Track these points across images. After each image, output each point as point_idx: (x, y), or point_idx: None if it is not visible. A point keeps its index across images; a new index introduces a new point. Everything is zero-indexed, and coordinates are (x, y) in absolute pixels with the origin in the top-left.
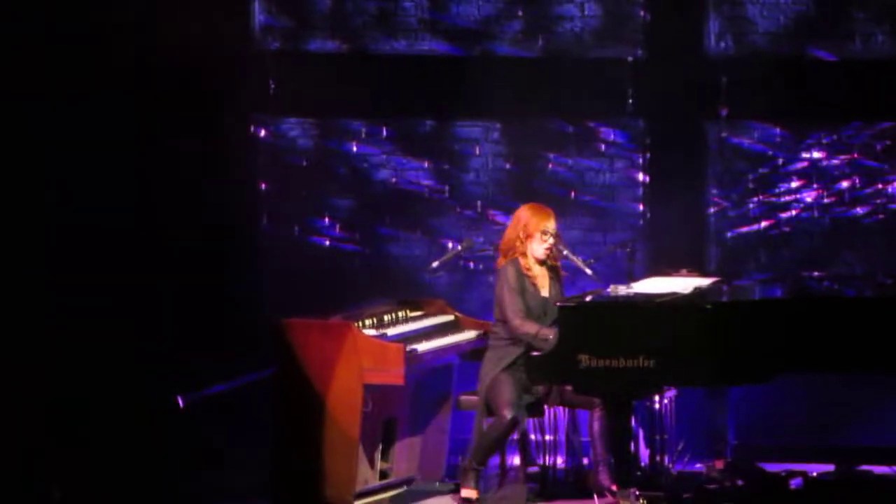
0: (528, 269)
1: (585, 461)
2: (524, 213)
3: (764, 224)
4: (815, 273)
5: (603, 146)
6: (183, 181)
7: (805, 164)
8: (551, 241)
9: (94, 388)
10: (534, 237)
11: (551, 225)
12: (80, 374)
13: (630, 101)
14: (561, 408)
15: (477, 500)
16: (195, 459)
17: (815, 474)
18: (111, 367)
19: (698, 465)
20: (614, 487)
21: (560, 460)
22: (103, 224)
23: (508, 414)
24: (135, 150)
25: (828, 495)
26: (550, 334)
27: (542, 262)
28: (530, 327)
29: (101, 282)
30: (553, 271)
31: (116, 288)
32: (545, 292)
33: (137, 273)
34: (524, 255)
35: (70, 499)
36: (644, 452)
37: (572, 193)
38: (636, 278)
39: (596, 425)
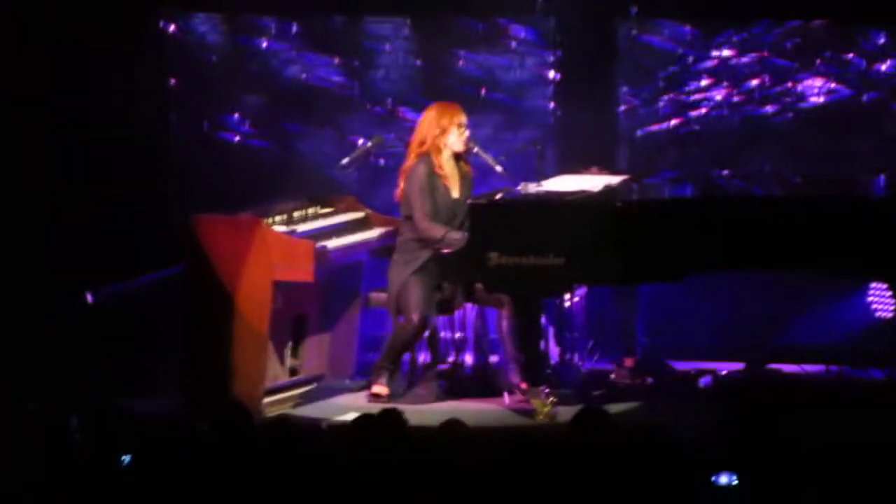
0: (441, 168)
1: (494, 359)
2: (436, 109)
3: (674, 122)
4: (725, 172)
5: (513, 43)
6: (89, 76)
7: (715, 62)
8: (467, 130)
9: (4, 284)
10: (450, 130)
11: (465, 117)
12: None
13: None
14: (470, 305)
15: (387, 396)
16: (105, 357)
17: (724, 373)
18: (19, 265)
19: (608, 364)
20: (524, 385)
21: (469, 358)
22: (7, 120)
23: (417, 316)
24: (40, 43)
25: (736, 393)
26: (457, 238)
27: (458, 159)
28: (437, 231)
29: (6, 178)
30: (464, 175)
31: (23, 185)
32: (455, 193)
33: (44, 170)
34: (438, 151)
35: None
36: (554, 350)
37: (482, 91)
38: (546, 176)
39: (504, 324)
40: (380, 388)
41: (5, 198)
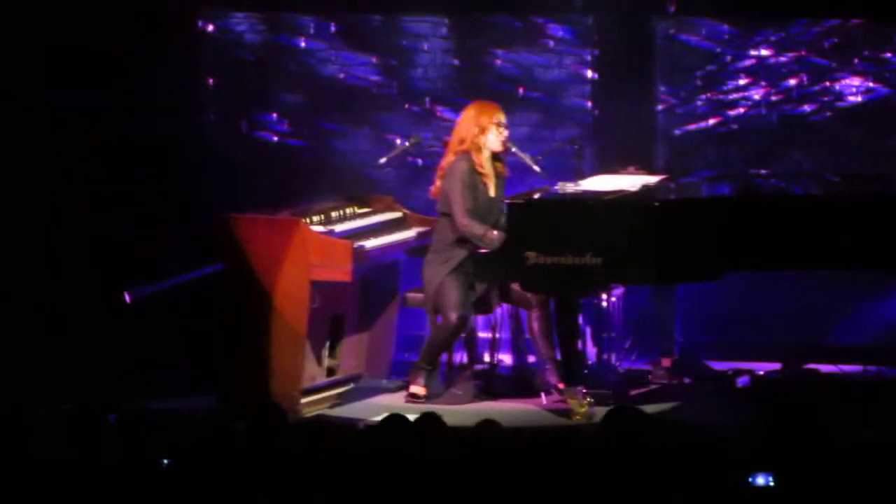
0: (481, 167)
1: (531, 359)
2: (475, 108)
3: (711, 121)
4: (763, 171)
5: (551, 42)
6: (129, 75)
7: (753, 61)
8: (506, 130)
9: (43, 282)
10: (489, 129)
11: (503, 116)
12: (28, 270)
13: None
14: (507, 305)
15: (425, 396)
16: (142, 355)
17: (761, 372)
18: (58, 263)
19: (645, 364)
20: (561, 385)
21: (506, 358)
22: (48, 121)
23: (455, 315)
24: (81, 45)
25: (774, 393)
26: (496, 237)
27: (496, 159)
28: (477, 228)
29: (47, 178)
30: (499, 174)
31: (63, 185)
32: (492, 192)
33: (84, 170)
34: (479, 150)
35: (15, 394)
36: (591, 350)
37: (520, 90)
38: (584, 175)
39: (535, 325)
40: (417, 389)
41: (46, 198)
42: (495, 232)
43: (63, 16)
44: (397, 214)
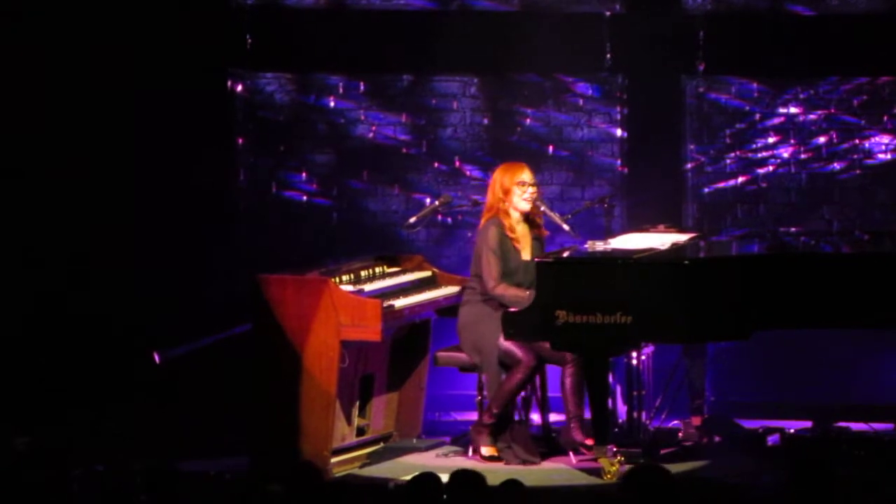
0: (512, 231)
1: (551, 418)
2: (497, 173)
3: (741, 180)
4: (793, 229)
5: (580, 101)
6: (159, 136)
7: (782, 119)
8: (531, 190)
9: (73, 343)
10: (512, 191)
11: (527, 175)
12: (58, 331)
13: (608, 55)
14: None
15: (498, 456)
16: (173, 416)
17: (792, 431)
18: (90, 324)
19: (676, 422)
20: (588, 441)
21: (536, 416)
22: (79, 179)
23: (528, 357)
24: (112, 107)
25: (805, 452)
26: (523, 297)
27: (526, 219)
28: (503, 289)
29: (78, 238)
30: (537, 237)
31: (94, 244)
32: (526, 254)
33: (114, 229)
34: (507, 214)
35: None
36: (622, 409)
37: (550, 149)
38: (614, 234)
39: (568, 381)
40: (489, 450)
41: (77, 256)
42: (522, 292)
43: (94, 74)
44: (427, 273)
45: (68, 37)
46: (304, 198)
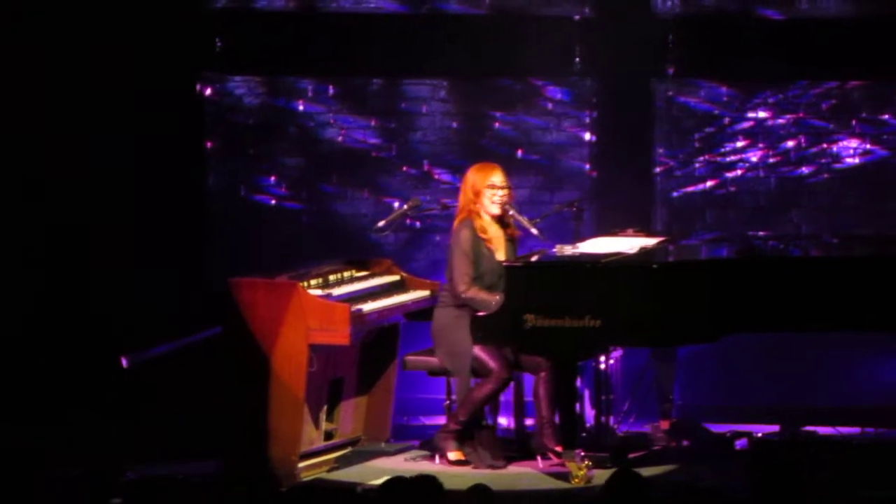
0: (484, 232)
1: (528, 422)
2: (469, 174)
3: (710, 183)
4: (762, 233)
5: (550, 105)
6: (128, 139)
7: (751, 123)
8: (501, 192)
9: (41, 348)
10: (482, 193)
11: (497, 177)
12: (27, 335)
13: (577, 59)
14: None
15: (466, 460)
16: (142, 420)
17: (760, 435)
18: (55, 329)
19: (644, 426)
20: (559, 448)
21: (503, 420)
22: (48, 179)
23: (500, 367)
24: (80, 109)
25: (772, 456)
26: (493, 300)
27: (498, 220)
28: (473, 292)
29: (45, 242)
30: (510, 237)
31: (58, 247)
32: (501, 255)
33: (82, 234)
34: (479, 215)
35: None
36: (589, 413)
37: (519, 152)
38: (583, 238)
39: (541, 388)
40: (456, 455)
41: (45, 261)
42: (492, 296)
43: (62, 76)
44: (396, 278)
45: (36, 39)
46: (274, 201)
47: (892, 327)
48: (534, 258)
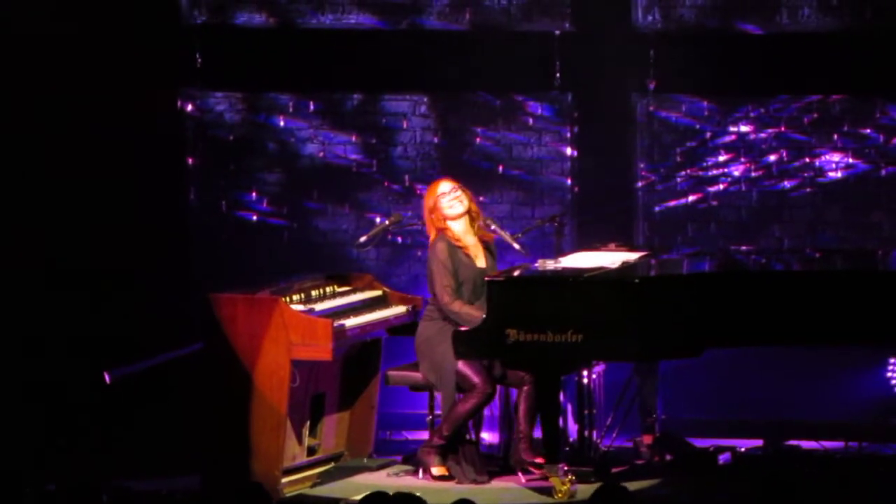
0: (458, 240)
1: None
2: (424, 199)
3: (692, 198)
4: (743, 247)
5: (530, 120)
6: (109, 155)
7: (733, 137)
8: (452, 196)
9: (23, 363)
10: (438, 205)
11: (444, 185)
12: (8, 351)
13: (557, 74)
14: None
15: (449, 475)
16: (123, 435)
17: (743, 449)
18: (38, 344)
19: (627, 441)
20: (538, 460)
21: (487, 436)
22: (28, 198)
23: (483, 382)
24: (61, 125)
25: (756, 470)
26: (477, 316)
27: (470, 227)
28: (458, 306)
29: (26, 257)
30: (485, 244)
31: (42, 262)
32: (480, 262)
33: (63, 249)
34: (447, 228)
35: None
36: (573, 427)
37: (500, 167)
38: (564, 252)
39: (522, 403)
40: (440, 470)
41: (27, 277)
42: (474, 310)
43: (42, 90)
44: (378, 293)
45: (16, 56)
46: (255, 217)
47: (875, 341)
48: (516, 273)
